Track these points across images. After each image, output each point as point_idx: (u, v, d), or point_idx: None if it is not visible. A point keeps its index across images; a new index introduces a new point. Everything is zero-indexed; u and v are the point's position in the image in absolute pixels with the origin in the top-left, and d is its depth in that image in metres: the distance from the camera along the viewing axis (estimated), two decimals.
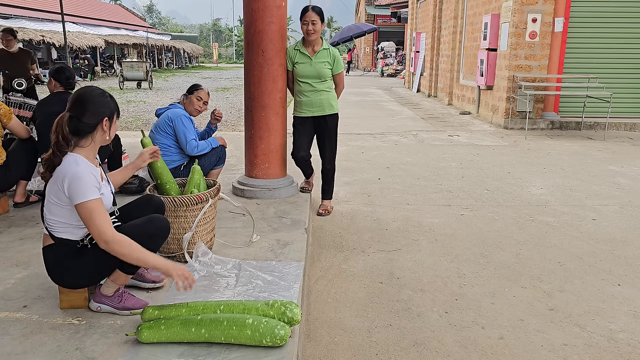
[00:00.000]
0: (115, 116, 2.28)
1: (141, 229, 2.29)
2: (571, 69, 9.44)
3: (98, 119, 2.20)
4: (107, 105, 2.24)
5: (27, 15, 23.78)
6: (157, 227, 2.34)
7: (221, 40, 78.05)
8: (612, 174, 6.06)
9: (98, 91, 2.27)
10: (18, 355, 2.02)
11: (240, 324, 2.01)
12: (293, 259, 3.02)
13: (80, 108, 2.18)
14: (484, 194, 5.21)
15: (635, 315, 2.82)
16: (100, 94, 2.25)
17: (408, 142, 8.16)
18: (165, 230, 2.39)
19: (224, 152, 4.20)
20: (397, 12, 27.72)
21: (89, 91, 2.25)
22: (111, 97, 2.30)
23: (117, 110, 2.31)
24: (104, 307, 2.33)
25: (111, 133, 2.28)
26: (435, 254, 3.67)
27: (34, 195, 4.16)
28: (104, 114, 2.22)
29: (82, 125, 2.18)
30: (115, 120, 2.29)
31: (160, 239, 2.38)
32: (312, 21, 4.00)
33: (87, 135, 2.21)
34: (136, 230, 2.28)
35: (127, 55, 34.74)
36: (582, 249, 3.78)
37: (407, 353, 2.47)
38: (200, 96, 4.04)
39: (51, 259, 2.27)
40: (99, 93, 2.25)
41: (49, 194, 2.20)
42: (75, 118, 2.17)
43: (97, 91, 2.26)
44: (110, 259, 2.25)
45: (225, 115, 11.61)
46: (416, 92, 17.91)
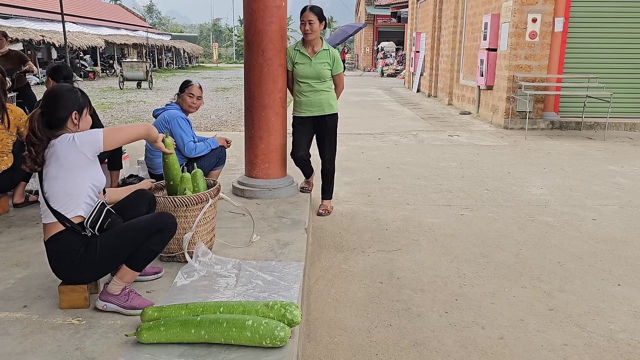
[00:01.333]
0: (85, 110, 2.42)
1: (150, 225, 2.31)
2: (571, 69, 9.44)
3: (67, 112, 2.34)
4: (76, 100, 2.39)
5: (27, 15, 23.77)
6: (165, 223, 2.36)
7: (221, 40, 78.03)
8: (612, 174, 6.06)
9: (67, 87, 2.43)
10: (18, 355, 2.02)
11: (240, 326, 2.01)
12: (293, 259, 3.02)
13: (50, 103, 2.34)
14: (484, 194, 5.21)
15: (635, 315, 2.82)
16: (69, 89, 2.41)
17: (408, 142, 8.16)
18: (173, 226, 2.41)
19: (224, 153, 4.20)
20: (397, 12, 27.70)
21: (58, 87, 2.41)
22: (82, 93, 2.45)
23: (87, 105, 2.44)
24: (110, 306, 2.33)
25: (81, 126, 2.41)
26: (435, 254, 3.67)
27: (34, 195, 4.16)
28: (72, 107, 2.36)
29: (53, 119, 2.32)
30: (86, 114, 2.43)
31: (167, 235, 2.38)
32: (309, 21, 3.99)
33: (59, 129, 2.33)
34: (144, 224, 2.31)
35: (127, 55, 34.74)
36: (582, 249, 3.78)
37: (407, 353, 2.47)
38: (192, 92, 4.03)
39: (55, 251, 2.28)
40: (68, 89, 2.41)
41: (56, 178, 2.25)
42: (47, 113, 2.32)
43: (66, 87, 2.42)
44: (114, 254, 2.28)
45: (225, 115, 11.61)
46: (416, 92, 17.91)
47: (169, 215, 2.42)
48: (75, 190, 2.27)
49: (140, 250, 2.28)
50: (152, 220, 2.34)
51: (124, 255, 2.29)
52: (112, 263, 2.31)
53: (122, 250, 2.28)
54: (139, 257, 2.30)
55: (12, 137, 3.84)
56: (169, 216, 2.41)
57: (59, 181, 2.26)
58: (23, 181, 3.99)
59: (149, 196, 2.65)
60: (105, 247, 2.26)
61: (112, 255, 2.28)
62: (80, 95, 2.42)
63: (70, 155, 2.25)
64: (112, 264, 2.32)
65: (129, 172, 4.88)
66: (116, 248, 2.27)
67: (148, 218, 2.36)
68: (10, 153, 3.84)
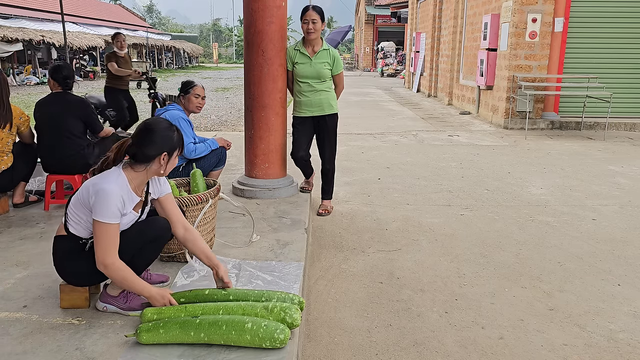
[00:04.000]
0: (176, 152, 2.29)
1: (144, 232, 2.29)
2: (571, 69, 9.44)
3: (158, 151, 2.21)
4: (170, 140, 2.25)
5: (27, 15, 23.76)
6: (159, 229, 2.34)
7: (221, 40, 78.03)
8: (612, 174, 6.06)
9: (165, 125, 2.27)
10: (18, 355, 2.02)
11: (240, 328, 2.00)
12: (293, 259, 3.02)
13: (143, 137, 2.21)
14: (484, 194, 5.21)
15: (635, 315, 2.82)
16: (167, 127, 2.26)
17: (408, 142, 8.16)
18: (167, 231, 2.39)
19: (224, 154, 4.19)
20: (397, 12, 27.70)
21: (157, 123, 2.27)
22: (178, 132, 2.30)
23: (179, 147, 2.30)
24: (110, 308, 2.34)
25: (167, 168, 2.28)
26: (435, 254, 3.67)
27: (33, 195, 4.16)
28: (164, 148, 2.22)
29: (141, 154, 2.20)
30: (176, 156, 2.30)
31: (162, 241, 2.38)
32: (312, 20, 4.00)
33: (142, 164, 2.22)
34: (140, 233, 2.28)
35: None
36: (582, 249, 3.78)
37: (407, 353, 2.46)
38: (197, 93, 4.03)
39: (59, 250, 2.30)
40: (166, 127, 2.26)
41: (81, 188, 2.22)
42: (136, 146, 2.19)
43: (164, 124, 2.27)
44: None
45: (225, 115, 11.61)
46: (416, 92, 17.91)
47: (162, 221, 2.38)
48: (80, 214, 2.22)
49: (137, 256, 2.28)
50: (146, 228, 2.30)
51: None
52: None
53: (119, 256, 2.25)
54: (137, 263, 2.29)
55: (13, 137, 3.83)
56: (161, 221, 2.37)
57: (78, 194, 2.23)
58: (23, 181, 3.99)
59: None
60: None
61: None
62: (176, 134, 2.28)
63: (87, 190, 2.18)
64: None
65: None
66: None
67: (142, 226, 2.32)
68: (10, 153, 3.83)
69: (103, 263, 2.12)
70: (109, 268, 2.12)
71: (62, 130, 3.84)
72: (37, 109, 3.94)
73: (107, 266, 2.12)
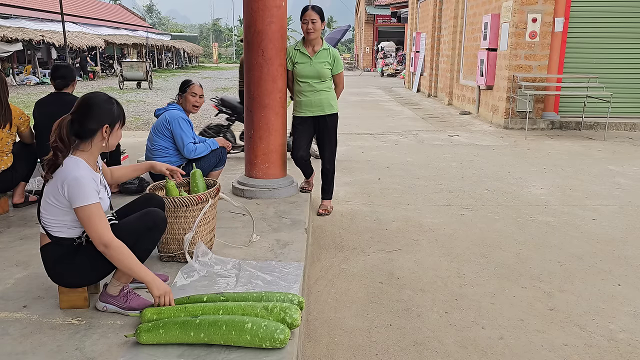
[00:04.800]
0: (118, 124, 2.28)
1: (138, 223, 2.29)
2: (571, 69, 9.44)
3: (99, 124, 2.21)
4: (110, 112, 2.25)
5: (27, 15, 23.77)
6: (154, 220, 2.34)
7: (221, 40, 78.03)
8: (612, 174, 6.06)
9: (104, 97, 2.27)
10: (18, 355, 2.02)
11: (240, 328, 2.00)
12: (293, 259, 3.02)
13: (82, 112, 2.21)
14: (484, 194, 5.21)
15: (635, 315, 2.82)
16: (105, 100, 2.26)
17: (408, 142, 8.16)
18: (163, 222, 2.39)
19: (224, 154, 4.19)
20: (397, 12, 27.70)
21: (95, 96, 2.26)
22: (118, 105, 2.30)
23: (120, 119, 2.30)
24: (109, 307, 2.33)
25: (111, 141, 2.28)
26: (435, 254, 3.67)
27: (33, 195, 4.16)
28: (105, 120, 2.22)
29: (82, 129, 2.20)
30: (118, 128, 2.29)
31: (157, 232, 2.38)
32: (312, 20, 4.00)
33: (87, 140, 2.22)
34: (133, 224, 2.29)
35: (127, 55, 34.74)
36: (582, 249, 3.78)
37: (407, 353, 2.46)
38: (194, 92, 4.02)
39: (49, 259, 2.27)
40: (104, 99, 2.26)
41: (47, 194, 2.20)
42: (77, 121, 2.19)
43: (103, 97, 2.26)
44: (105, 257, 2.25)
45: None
46: (416, 92, 17.91)
47: (158, 212, 2.38)
48: (57, 216, 2.21)
49: (133, 250, 2.25)
50: (141, 220, 2.30)
51: None
52: (107, 267, 2.29)
53: None
54: (135, 253, 2.28)
55: (12, 137, 3.83)
56: (157, 212, 2.37)
57: (47, 201, 2.20)
58: (23, 181, 3.99)
59: (158, 201, 2.61)
60: (97, 254, 2.22)
61: (104, 260, 2.24)
62: (116, 107, 2.28)
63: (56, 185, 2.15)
64: (107, 267, 2.29)
65: None
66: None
67: (136, 217, 2.32)
68: (10, 153, 3.83)
69: (102, 243, 2.12)
70: (110, 245, 2.13)
71: None
72: (37, 109, 3.94)
73: (108, 244, 2.12)
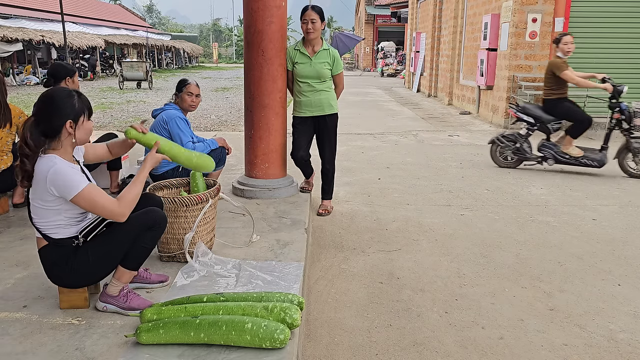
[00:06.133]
0: (82, 118, 2.20)
1: (139, 222, 2.27)
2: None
3: (61, 120, 2.14)
4: (71, 106, 2.16)
5: (27, 15, 23.76)
6: (154, 219, 2.32)
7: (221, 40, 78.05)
8: (612, 174, 6.06)
9: (64, 92, 2.19)
10: (18, 355, 2.02)
11: (240, 329, 2.00)
12: (293, 259, 3.02)
13: (43, 110, 2.15)
14: (484, 194, 5.21)
15: (635, 315, 2.82)
16: (65, 95, 2.18)
17: (408, 142, 8.16)
18: (163, 221, 2.37)
19: (224, 154, 4.17)
20: (397, 12, 27.71)
21: (53, 92, 2.19)
22: (80, 97, 2.22)
23: (84, 112, 2.21)
24: (109, 307, 2.33)
25: (79, 135, 2.21)
26: (435, 254, 3.67)
27: None
28: (67, 116, 2.15)
29: (47, 127, 2.14)
30: (83, 121, 2.20)
31: (158, 231, 2.36)
32: (311, 20, 4.00)
33: (54, 138, 2.16)
34: (133, 223, 2.27)
35: (127, 55, 34.73)
36: (582, 249, 3.78)
37: (407, 353, 2.46)
38: (190, 91, 4.00)
39: (48, 261, 2.26)
40: (64, 94, 2.18)
41: (33, 199, 2.18)
42: (41, 121, 2.13)
43: (62, 92, 2.19)
44: (108, 257, 2.26)
45: (225, 115, 11.61)
46: (416, 92, 17.91)
47: (157, 211, 2.37)
48: (50, 218, 2.19)
49: (133, 249, 2.26)
50: (141, 219, 2.29)
51: (117, 257, 2.26)
52: (106, 267, 2.29)
53: (114, 252, 2.25)
54: (133, 257, 2.28)
55: (12, 136, 3.84)
56: (157, 211, 2.36)
57: (36, 206, 2.18)
58: None
59: (157, 200, 2.59)
60: (97, 252, 2.23)
61: (105, 259, 2.25)
62: (77, 100, 2.19)
63: (40, 186, 2.12)
64: (107, 267, 2.30)
65: (129, 172, 4.88)
66: (108, 252, 2.24)
67: (137, 216, 2.29)
68: (10, 152, 3.83)
69: (118, 215, 2.17)
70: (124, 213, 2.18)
71: None
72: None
73: (123, 214, 2.18)
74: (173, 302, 2.28)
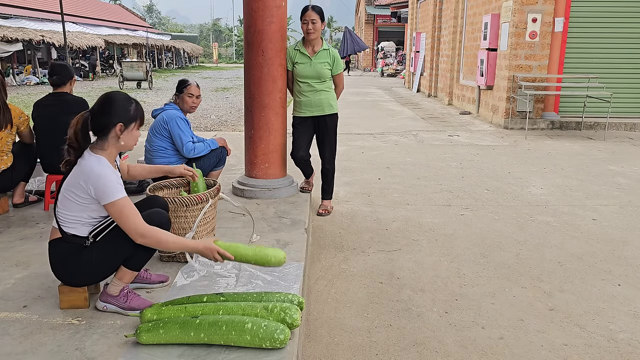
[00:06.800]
0: (134, 124, 2.28)
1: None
2: (571, 69, 9.44)
3: (113, 121, 2.22)
4: (126, 111, 2.25)
5: (27, 15, 23.77)
6: (159, 221, 2.35)
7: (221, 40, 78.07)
8: (612, 174, 6.06)
9: (123, 96, 2.29)
10: (18, 355, 2.02)
11: (240, 329, 2.00)
12: (293, 259, 3.02)
13: (100, 108, 2.24)
14: (484, 194, 5.21)
15: (635, 315, 2.82)
16: (124, 99, 2.28)
17: (408, 142, 8.16)
18: (167, 224, 2.41)
19: (224, 154, 4.18)
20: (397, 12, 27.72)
21: (114, 94, 2.29)
22: (137, 105, 2.31)
23: (137, 119, 2.30)
24: (109, 307, 2.34)
25: (126, 140, 2.28)
26: (435, 254, 3.67)
27: (33, 195, 4.16)
28: (119, 118, 2.23)
29: (97, 125, 2.22)
30: (134, 128, 2.29)
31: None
32: (312, 20, 4.00)
33: (103, 137, 2.25)
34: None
35: (127, 55, 34.74)
36: (582, 249, 3.78)
37: (407, 353, 2.46)
38: (191, 92, 4.00)
39: (56, 254, 2.29)
40: (123, 98, 2.28)
41: (67, 188, 2.22)
42: (94, 118, 2.22)
43: (122, 96, 2.29)
44: (112, 258, 2.27)
45: (225, 115, 11.61)
46: (416, 92, 17.91)
47: (162, 213, 2.40)
48: (74, 211, 2.23)
49: (137, 250, 2.27)
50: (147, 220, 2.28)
51: (121, 258, 2.28)
52: (110, 267, 2.30)
53: (118, 253, 2.26)
54: (136, 258, 2.30)
55: (12, 136, 3.83)
56: (162, 214, 2.40)
57: (65, 197, 2.22)
58: (23, 181, 3.98)
59: (162, 202, 2.62)
60: (102, 252, 2.25)
61: (109, 259, 2.27)
62: (134, 106, 2.28)
63: (79, 181, 2.18)
64: (110, 267, 2.31)
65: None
66: (113, 252, 2.26)
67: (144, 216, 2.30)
68: (10, 152, 3.83)
69: (138, 234, 2.16)
70: (146, 234, 2.16)
71: (61, 131, 3.82)
72: (35, 110, 3.94)
73: (144, 234, 2.16)
74: (173, 302, 2.28)
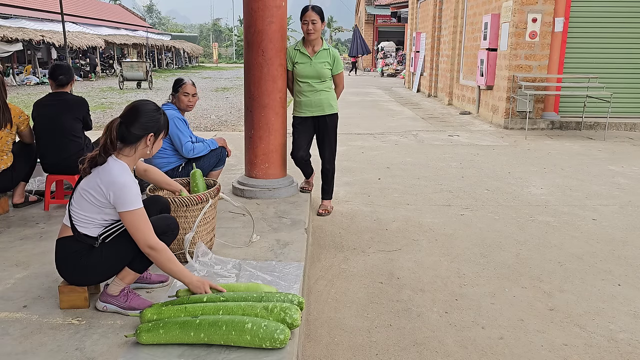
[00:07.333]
0: (162, 134, 2.39)
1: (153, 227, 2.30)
2: (571, 69, 9.44)
3: (144, 132, 2.29)
4: (157, 121, 2.34)
5: (27, 15, 23.76)
6: (167, 225, 2.41)
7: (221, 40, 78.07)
8: (612, 174, 6.06)
9: (152, 106, 2.36)
10: (18, 355, 2.02)
11: (240, 329, 2.00)
12: (293, 259, 3.02)
13: (131, 117, 2.29)
14: (484, 194, 5.21)
15: (635, 315, 2.82)
16: (153, 109, 2.35)
17: (408, 142, 8.16)
18: (175, 228, 2.46)
19: (224, 154, 4.17)
20: (397, 12, 27.71)
21: (144, 104, 2.35)
22: (164, 115, 2.40)
23: (165, 129, 2.40)
24: (110, 307, 2.34)
25: (153, 150, 2.37)
26: (435, 254, 3.67)
27: (33, 195, 4.16)
28: (151, 128, 2.31)
29: (129, 134, 2.27)
30: (162, 137, 2.40)
31: (170, 237, 2.43)
32: (312, 20, 4.00)
33: (131, 145, 2.29)
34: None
35: (127, 55, 34.74)
36: (582, 249, 3.78)
37: (407, 353, 2.46)
38: (186, 91, 3.98)
39: (64, 252, 2.29)
40: (152, 108, 2.35)
41: (84, 189, 2.24)
42: (124, 126, 2.27)
43: (151, 106, 2.36)
44: (119, 259, 2.30)
45: (225, 115, 11.61)
46: (416, 92, 17.91)
47: (171, 218, 2.46)
48: (88, 211, 2.26)
49: (142, 252, 2.28)
50: (155, 224, 2.32)
51: (126, 259, 2.29)
52: (115, 267, 2.32)
53: (125, 254, 2.28)
54: (142, 260, 2.31)
55: (12, 136, 3.83)
56: (170, 219, 2.45)
57: (82, 196, 2.25)
58: (23, 181, 3.98)
59: (164, 202, 2.65)
60: (109, 252, 2.27)
61: (116, 259, 2.29)
62: (163, 117, 2.38)
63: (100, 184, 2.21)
64: (115, 268, 2.32)
65: None
66: (119, 253, 2.28)
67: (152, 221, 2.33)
68: (10, 152, 3.83)
69: (148, 245, 2.19)
70: (156, 248, 2.19)
71: (61, 131, 3.84)
72: (35, 110, 3.94)
73: (154, 247, 2.19)
74: (173, 302, 2.28)
